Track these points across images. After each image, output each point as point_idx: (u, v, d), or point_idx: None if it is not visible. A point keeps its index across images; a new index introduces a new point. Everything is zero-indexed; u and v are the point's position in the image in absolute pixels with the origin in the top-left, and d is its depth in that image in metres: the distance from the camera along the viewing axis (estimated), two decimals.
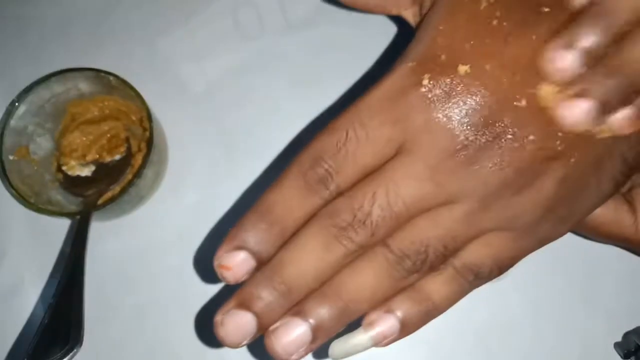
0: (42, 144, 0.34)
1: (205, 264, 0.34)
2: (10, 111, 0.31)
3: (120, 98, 0.34)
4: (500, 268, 0.22)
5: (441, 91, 0.20)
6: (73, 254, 0.29)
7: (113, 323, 0.34)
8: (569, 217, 0.22)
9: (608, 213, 0.25)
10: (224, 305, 0.21)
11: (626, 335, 0.32)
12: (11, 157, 0.31)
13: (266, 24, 0.38)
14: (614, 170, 0.21)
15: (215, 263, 0.21)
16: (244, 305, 0.21)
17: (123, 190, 0.30)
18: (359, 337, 0.21)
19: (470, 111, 0.20)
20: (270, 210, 0.21)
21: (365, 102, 0.21)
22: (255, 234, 0.21)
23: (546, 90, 0.20)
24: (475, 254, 0.21)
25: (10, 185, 0.30)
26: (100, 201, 0.32)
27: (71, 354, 0.26)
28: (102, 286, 0.34)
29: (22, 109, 0.32)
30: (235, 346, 0.21)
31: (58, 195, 0.33)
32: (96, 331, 0.33)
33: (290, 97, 0.36)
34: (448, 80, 0.20)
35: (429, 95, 0.20)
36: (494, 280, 0.22)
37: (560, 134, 0.20)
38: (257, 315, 0.21)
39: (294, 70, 0.36)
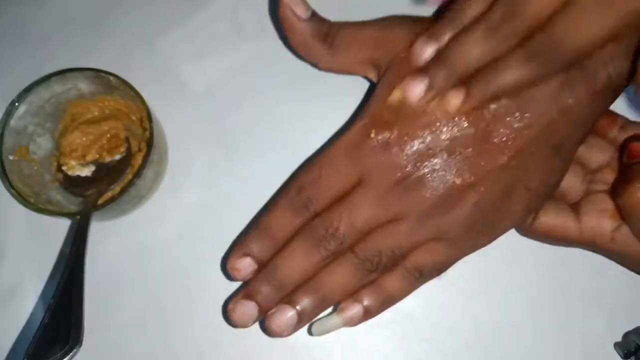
0: (42, 144, 0.34)
1: (205, 263, 0.34)
2: (10, 111, 0.31)
3: (120, 98, 0.34)
4: (438, 269, 0.29)
5: (383, 141, 0.28)
6: (73, 254, 0.29)
7: (113, 323, 0.34)
8: (488, 231, 0.29)
9: (555, 220, 0.30)
10: (234, 298, 0.29)
11: (626, 335, 0.32)
12: (11, 157, 0.31)
13: (266, 24, 0.38)
14: (521, 197, 0.28)
15: (228, 266, 0.29)
16: (249, 297, 0.28)
17: (123, 190, 0.30)
18: (334, 319, 0.29)
19: (404, 154, 0.28)
20: (267, 228, 0.29)
21: (333, 149, 0.29)
22: (256, 245, 0.29)
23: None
24: (420, 257, 0.28)
25: (10, 186, 0.30)
26: (100, 201, 0.32)
27: (71, 354, 0.26)
28: (102, 286, 0.34)
29: (22, 109, 0.32)
30: (243, 326, 0.29)
31: (58, 195, 0.33)
32: (96, 331, 0.33)
33: (290, 97, 0.36)
34: (388, 133, 0.28)
35: (375, 145, 0.28)
36: (435, 278, 0.29)
37: (473, 170, 0.27)
38: (258, 304, 0.28)
39: (294, 70, 0.36)
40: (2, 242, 0.35)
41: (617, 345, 0.32)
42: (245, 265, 0.29)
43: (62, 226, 0.35)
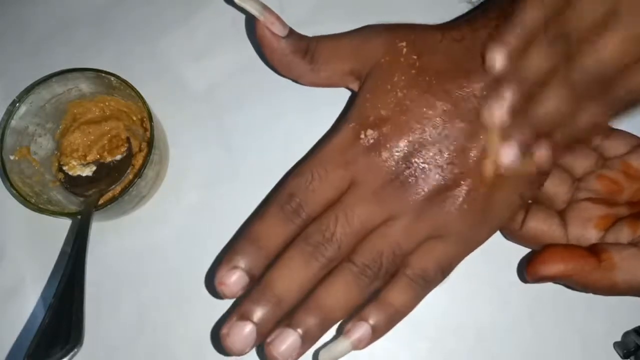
0: (43, 144, 0.34)
1: (205, 264, 0.34)
2: (11, 111, 0.31)
3: (121, 98, 0.34)
4: (442, 270, 0.28)
5: (373, 141, 0.28)
6: (74, 254, 0.29)
7: (113, 323, 0.34)
8: (486, 221, 0.28)
9: (543, 227, 0.30)
10: (227, 320, 0.26)
11: (626, 335, 0.32)
12: (12, 157, 0.31)
13: None
14: (515, 182, 0.28)
15: (216, 282, 0.27)
16: (245, 317, 0.26)
17: (124, 191, 0.30)
18: (341, 343, 0.27)
19: (395, 152, 0.28)
20: (257, 238, 0.27)
21: (323, 152, 0.28)
22: (246, 257, 0.27)
23: None
24: (421, 260, 0.27)
25: (11, 186, 0.30)
26: (101, 201, 0.32)
27: (71, 353, 0.25)
28: (102, 286, 0.34)
29: (22, 109, 0.32)
30: (240, 353, 0.26)
31: (59, 195, 0.33)
32: (96, 331, 0.33)
33: (290, 96, 0.36)
34: (376, 133, 0.28)
35: (366, 144, 0.28)
36: (440, 283, 0.28)
37: (462, 163, 0.27)
38: (256, 324, 0.26)
39: None
40: (2, 242, 0.35)
41: (616, 345, 0.32)
42: (235, 280, 0.26)
43: (62, 226, 0.35)
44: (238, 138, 0.36)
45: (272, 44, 0.30)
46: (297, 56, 0.30)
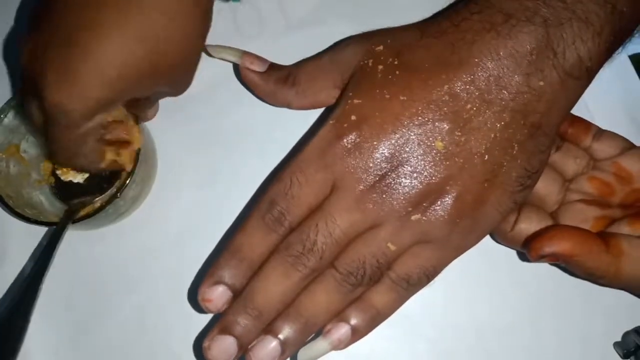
0: (35, 143, 0.34)
1: (205, 264, 0.34)
2: (4, 109, 0.31)
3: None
4: (427, 276, 0.27)
5: (354, 142, 0.26)
6: (33, 270, 0.27)
7: (113, 323, 0.34)
8: (474, 227, 0.27)
9: (534, 229, 0.29)
10: (209, 333, 0.26)
11: (625, 335, 0.32)
12: None
13: (266, 24, 0.38)
14: (505, 185, 0.27)
15: (199, 297, 0.27)
16: (226, 331, 0.26)
17: (101, 208, 0.30)
18: (320, 343, 0.27)
19: (377, 154, 0.26)
20: (239, 249, 0.27)
21: (302, 155, 0.27)
22: (229, 270, 0.27)
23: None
24: (405, 265, 0.27)
25: None
26: (82, 212, 0.32)
27: None
28: (102, 286, 0.34)
29: (18, 108, 0.32)
30: None
31: (41, 196, 0.33)
32: (96, 331, 0.33)
33: None
34: (357, 133, 0.26)
35: (346, 147, 0.26)
36: (426, 286, 0.28)
37: (449, 166, 0.26)
38: (237, 337, 0.26)
39: None
40: (2, 242, 0.35)
41: (616, 345, 0.32)
42: (218, 295, 0.26)
43: None
44: (237, 138, 0.36)
45: (255, 80, 0.32)
46: (279, 84, 0.32)
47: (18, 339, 0.26)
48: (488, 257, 0.33)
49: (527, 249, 0.28)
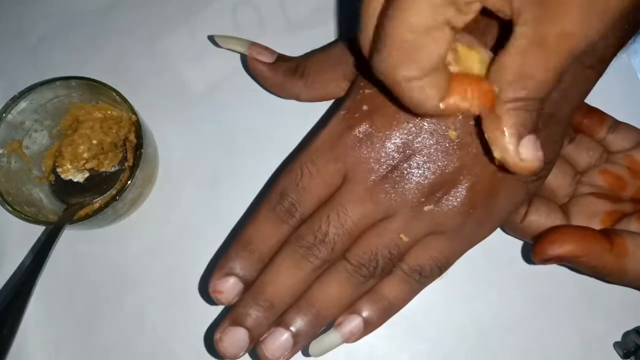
0: (38, 139, 0.34)
1: (204, 264, 0.34)
2: (8, 106, 0.31)
3: (122, 111, 0.33)
4: (439, 267, 0.27)
5: (366, 132, 0.26)
6: (28, 270, 0.27)
7: (113, 323, 0.34)
8: (487, 217, 0.27)
9: (545, 222, 0.29)
10: (220, 325, 0.26)
11: (626, 335, 0.32)
12: (0, 151, 0.31)
13: (266, 24, 0.38)
14: (520, 183, 0.26)
15: (210, 289, 0.26)
16: (237, 322, 0.26)
17: (99, 209, 0.30)
18: (331, 335, 0.26)
19: (389, 144, 0.26)
20: (250, 241, 0.26)
21: (313, 146, 0.27)
22: (240, 262, 0.26)
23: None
24: (418, 257, 0.26)
25: None
26: (81, 213, 0.32)
27: None
28: (102, 286, 0.34)
29: (22, 105, 0.32)
30: (234, 357, 0.26)
31: (41, 194, 0.33)
32: (96, 331, 0.33)
33: None
34: (368, 123, 0.26)
35: (357, 137, 0.26)
36: (438, 278, 0.27)
37: (463, 155, 0.25)
38: (248, 329, 0.26)
39: None
40: (2, 242, 0.35)
41: (616, 345, 0.32)
42: (229, 287, 0.26)
43: None
44: (238, 138, 0.36)
45: (264, 72, 0.32)
46: (288, 76, 0.31)
47: (9, 338, 0.26)
48: (488, 257, 0.33)
49: (532, 254, 0.28)
